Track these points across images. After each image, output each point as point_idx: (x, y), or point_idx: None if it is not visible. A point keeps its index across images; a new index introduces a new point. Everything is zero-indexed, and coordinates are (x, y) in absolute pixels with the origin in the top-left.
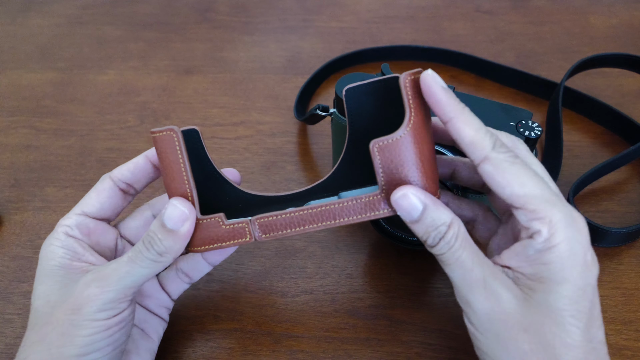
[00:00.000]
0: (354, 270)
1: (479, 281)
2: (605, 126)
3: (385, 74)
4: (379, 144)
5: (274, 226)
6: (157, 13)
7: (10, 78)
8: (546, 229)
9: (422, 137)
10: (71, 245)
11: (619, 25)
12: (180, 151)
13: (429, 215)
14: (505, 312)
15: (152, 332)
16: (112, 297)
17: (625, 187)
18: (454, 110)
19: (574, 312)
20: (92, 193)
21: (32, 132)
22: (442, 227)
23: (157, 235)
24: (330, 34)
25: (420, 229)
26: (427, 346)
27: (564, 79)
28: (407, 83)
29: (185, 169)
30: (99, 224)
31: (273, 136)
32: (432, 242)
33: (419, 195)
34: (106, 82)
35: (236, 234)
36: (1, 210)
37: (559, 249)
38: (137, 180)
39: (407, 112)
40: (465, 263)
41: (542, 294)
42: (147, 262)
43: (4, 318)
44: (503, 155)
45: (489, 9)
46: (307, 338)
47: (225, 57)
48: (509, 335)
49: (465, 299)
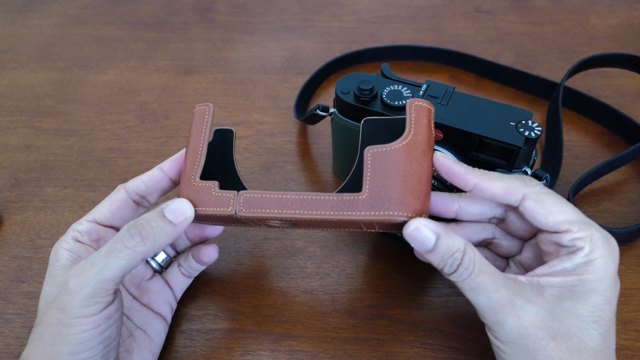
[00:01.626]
0: (354, 270)
1: (507, 300)
2: (605, 126)
3: (385, 74)
4: (372, 151)
5: (255, 203)
6: (157, 13)
7: (10, 78)
8: (588, 245)
9: (417, 156)
10: (77, 249)
11: (619, 25)
12: (207, 122)
13: (443, 243)
14: (535, 325)
15: (155, 333)
16: (91, 292)
17: (625, 187)
18: (475, 176)
19: (598, 319)
20: (106, 202)
21: (32, 132)
22: (457, 253)
23: (152, 223)
24: (330, 34)
25: (435, 258)
26: (427, 346)
27: (564, 79)
28: (413, 107)
29: (203, 139)
30: (109, 231)
31: (273, 136)
32: (450, 270)
33: (431, 226)
34: (106, 82)
35: (221, 202)
36: (1, 210)
37: (596, 264)
38: (151, 192)
39: (407, 129)
40: (488, 286)
41: (570, 301)
42: (126, 253)
43: (4, 318)
44: (537, 187)
45: (489, 9)
46: (307, 338)
47: (225, 57)
48: (538, 347)
49: (494, 320)
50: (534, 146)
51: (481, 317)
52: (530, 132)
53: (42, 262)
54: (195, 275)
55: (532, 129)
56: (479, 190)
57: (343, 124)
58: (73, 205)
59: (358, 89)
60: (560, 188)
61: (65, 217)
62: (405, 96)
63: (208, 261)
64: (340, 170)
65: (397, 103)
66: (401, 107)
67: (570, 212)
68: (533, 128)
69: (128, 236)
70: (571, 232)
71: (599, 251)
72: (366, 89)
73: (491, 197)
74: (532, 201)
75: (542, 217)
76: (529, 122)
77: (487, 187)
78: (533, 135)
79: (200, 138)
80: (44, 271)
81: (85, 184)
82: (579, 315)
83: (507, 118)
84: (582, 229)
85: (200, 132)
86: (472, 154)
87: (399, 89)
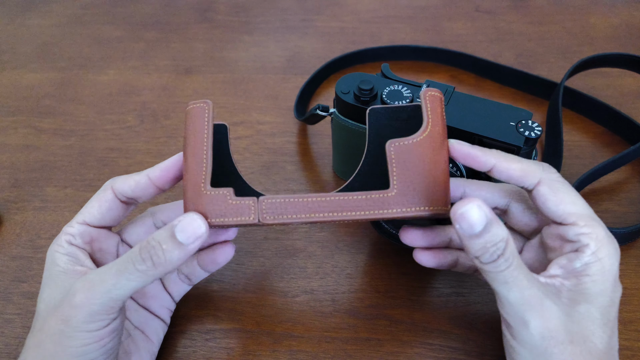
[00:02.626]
0: (354, 270)
1: (537, 299)
2: (605, 126)
3: (386, 74)
4: (395, 144)
5: (280, 209)
6: (157, 13)
7: (10, 78)
8: (594, 243)
9: (437, 146)
10: (74, 252)
11: (619, 25)
12: (208, 122)
13: (491, 230)
14: (557, 328)
15: (153, 334)
16: (98, 309)
17: (625, 187)
18: (493, 156)
19: (606, 321)
20: (95, 202)
21: (32, 132)
22: (501, 243)
23: (162, 246)
24: (330, 34)
25: (477, 245)
26: (427, 346)
27: (564, 79)
28: (427, 97)
29: (207, 140)
30: (101, 232)
31: (273, 136)
32: (489, 259)
33: (485, 210)
34: (106, 82)
35: (241, 211)
36: (1, 210)
37: (603, 263)
38: (137, 196)
39: (424, 121)
40: (523, 282)
41: (585, 305)
42: (137, 275)
43: (4, 318)
44: (554, 175)
45: (489, 8)
46: (307, 338)
47: (225, 57)
48: (557, 350)
49: (521, 318)
50: (534, 146)
51: (505, 313)
52: (530, 132)
53: (42, 262)
54: (197, 282)
55: (532, 129)
56: (497, 171)
57: (343, 124)
58: (73, 205)
59: (358, 89)
60: None
61: (65, 217)
62: (406, 96)
63: (222, 261)
64: (340, 170)
65: (397, 103)
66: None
67: (581, 205)
68: (533, 128)
69: (140, 260)
70: (577, 226)
71: (604, 250)
72: (366, 89)
73: (508, 178)
74: (547, 187)
75: (553, 204)
76: (529, 122)
77: (505, 168)
78: (533, 135)
79: (203, 140)
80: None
81: (85, 184)
82: (593, 318)
83: (507, 118)
84: (588, 224)
85: (201, 134)
86: None
87: (399, 89)
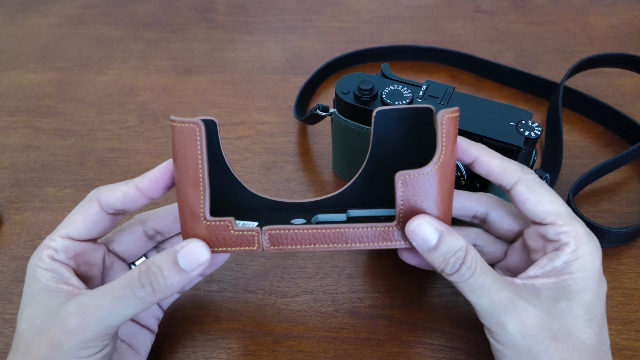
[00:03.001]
0: (354, 270)
1: (509, 301)
2: (605, 126)
3: (385, 74)
4: (404, 177)
5: (284, 240)
6: (157, 13)
7: (10, 78)
8: (573, 241)
9: (447, 175)
10: (57, 268)
11: (619, 25)
12: (201, 146)
13: (445, 242)
14: (536, 326)
15: (141, 347)
16: (92, 336)
17: (625, 187)
18: (476, 149)
19: (591, 317)
20: (78, 215)
21: (32, 132)
22: (460, 252)
23: (164, 272)
24: (330, 34)
25: (437, 258)
26: (427, 346)
27: (564, 79)
28: (444, 120)
29: (202, 166)
30: (86, 245)
31: (273, 136)
32: (452, 269)
33: (434, 224)
34: (106, 82)
35: (244, 241)
36: (1, 210)
37: (583, 260)
38: (126, 208)
39: (438, 150)
40: (490, 286)
41: (566, 302)
42: (135, 302)
43: (4, 318)
44: (532, 176)
45: (489, 9)
46: (307, 338)
47: (225, 57)
48: (540, 348)
49: (497, 321)
50: (534, 146)
51: (482, 319)
52: (530, 132)
53: None
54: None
55: (532, 129)
56: (478, 164)
57: (343, 124)
58: (73, 205)
59: (358, 89)
60: (560, 188)
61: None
62: (406, 96)
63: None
64: (340, 170)
65: (397, 103)
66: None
67: (559, 205)
68: (533, 128)
69: (139, 286)
70: (556, 225)
71: (585, 247)
72: (366, 89)
73: (487, 173)
74: (525, 187)
75: (532, 204)
76: (529, 122)
77: (486, 162)
78: (533, 135)
79: (198, 166)
80: None
81: (85, 184)
82: (575, 314)
83: (507, 118)
84: (567, 223)
85: (195, 157)
86: None
87: (399, 89)
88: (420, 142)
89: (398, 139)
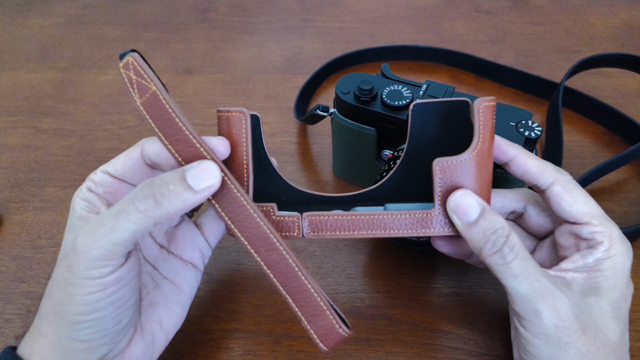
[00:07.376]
0: (354, 270)
1: (548, 291)
2: (605, 126)
3: (385, 74)
4: (441, 164)
5: (323, 225)
6: (157, 13)
7: (10, 78)
8: (607, 240)
9: (485, 163)
10: (91, 199)
11: (619, 25)
12: (246, 133)
13: (487, 216)
14: (570, 317)
15: (184, 284)
16: (98, 254)
17: (625, 187)
18: (514, 148)
19: (618, 315)
20: (123, 156)
21: (32, 132)
22: (502, 230)
23: (169, 186)
24: (330, 34)
25: (477, 234)
26: (427, 346)
27: (564, 79)
28: (481, 109)
29: (247, 152)
30: (123, 185)
31: (273, 136)
32: (493, 248)
33: (477, 197)
34: (106, 82)
35: (285, 227)
36: (1, 210)
37: (615, 260)
38: (159, 163)
39: (475, 137)
40: (531, 274)
41: (595, 297)
42: (137, 216)
43: (4, 318)
44: (567, 177)
45: (489, 9)
46: (307, 338)
47: (225, 57)
48: (570, 340)
49: (533, 309)
50: (534, 146)
51: (516, 305)
52: (530, 132)
53: (42, 262)
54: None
55: (532, 129)
56: (515, 164)
57: (343, 124)
58: None
59: (358, 89)
60: None
61: (65, 217)
62: (406, 96)
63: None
64: (340, 170)
65: (397, 103)
66: (401, 107)
67: (593, 206)
68: (533, 128)
69: (141, 197)
70: (592, 225)
71: (617, 248)
72: (366, 89)
73: (523, 173)
74: (561, 187)
75: (567, 204)
76: (529, 122)
77: (523, 162)
78: (533, 135)
79: (243, 155)
80: (44, 271)
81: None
82: (604, 311)
83: (507, 118)
84: (602, 223)
85: (240, 144)
86: None
87: (399, 89)
88: (456, 136)
89: (435, 133)
